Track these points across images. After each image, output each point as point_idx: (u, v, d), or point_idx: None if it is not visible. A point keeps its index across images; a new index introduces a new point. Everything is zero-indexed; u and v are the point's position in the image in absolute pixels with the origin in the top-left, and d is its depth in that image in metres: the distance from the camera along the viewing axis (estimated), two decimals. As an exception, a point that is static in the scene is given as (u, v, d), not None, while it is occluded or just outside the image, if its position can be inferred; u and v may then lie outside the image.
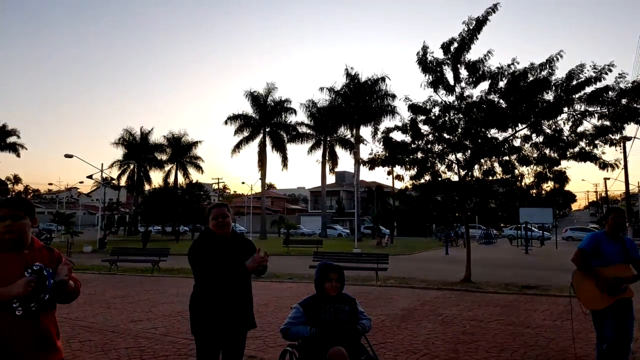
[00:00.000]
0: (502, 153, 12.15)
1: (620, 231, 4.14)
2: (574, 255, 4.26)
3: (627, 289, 4.06)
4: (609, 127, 10.88)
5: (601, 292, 4.05)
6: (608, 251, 4.10)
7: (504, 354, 5.43)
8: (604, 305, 4.05)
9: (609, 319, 4.04)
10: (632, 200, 39.90)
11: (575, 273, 4.30)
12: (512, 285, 11.48)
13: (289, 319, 3.53)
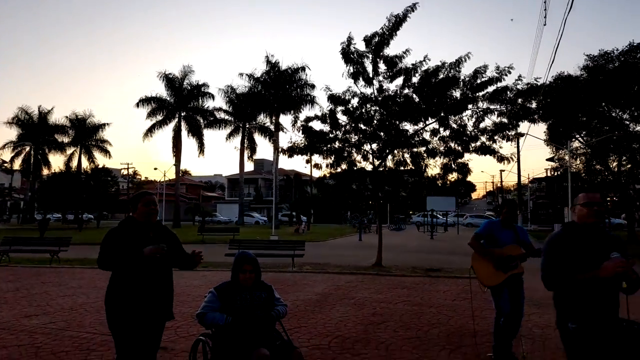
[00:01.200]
0: (413, 145, 12.83)
1: (512, 221, 4.70)
2: (471, 239, 4.72)
3: (518, 265, 4.55)
4: (506, 124, 11.95)
5: (496, 269, 4.50)
6: (502, 237, 4.60)
7: (409, 332, 5.79)
8: (500, 280, 4.50)
9: (505, 293, 4.51)
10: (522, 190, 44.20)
11: (474, 255, 4.71)
12: (418, 269, 12.24)
13: (204, 303, 3.48)
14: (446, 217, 39.77)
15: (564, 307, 2.66)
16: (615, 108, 22.42)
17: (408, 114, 12.22)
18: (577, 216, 2.83)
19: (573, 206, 2.90)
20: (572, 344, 2.63)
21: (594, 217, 2.73)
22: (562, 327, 2.67)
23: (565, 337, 2.66)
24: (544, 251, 2.79)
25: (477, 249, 4.65)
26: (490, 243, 4.64)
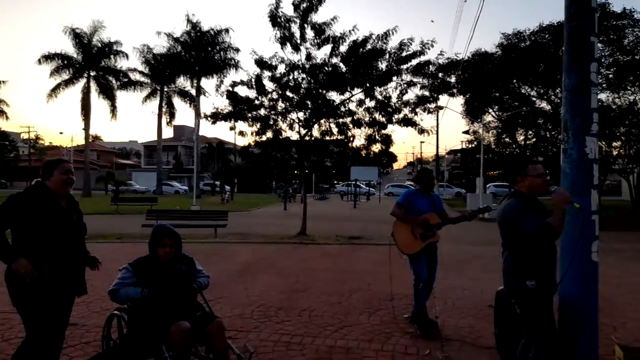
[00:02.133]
0: (339, 115, 12.93)
1: (430, 190, 4.94)
2: (392, 208, 4.88)
3: (435, 233, 4.80)
4: (427, 97, 12.40)
5: (415, 237, 4.72)
6: (420, 205, 4.81)
7: (332, 298, 5.95)
8: (418, 248, 4.72)
9: (423, 261, 4.75)
10: (440, 161, 46.76)
11: (394, 224, 4.88)
12: (341, 237, 12.58)
13: (118, 279, 3.27)
14: (369, 186, 41.11)
15: (523, 267, 2.86)
16: (525, 85, 24.14)
17: (335, 84, 12.22)
18: (530, 187, 2.98)
19: (522, 177, 3.01)
20: (530, 300, 2.86)
21: (546, 187, 2.97)
22: (519, 287, 2.87)
23: (523, 295, 2.87)
24: (518, 216, 2.85)
25: (399, 217, 4.81)
26: (409, 211, 4.81)
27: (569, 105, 3.96)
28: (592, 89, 3.89)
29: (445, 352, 4.13)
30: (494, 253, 10.39)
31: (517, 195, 3.02)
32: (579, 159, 3.88)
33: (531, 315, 2.88)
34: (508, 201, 3.01)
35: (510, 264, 2.96)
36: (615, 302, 5.86)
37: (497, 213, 3.08)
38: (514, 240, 2.95)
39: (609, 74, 22.17)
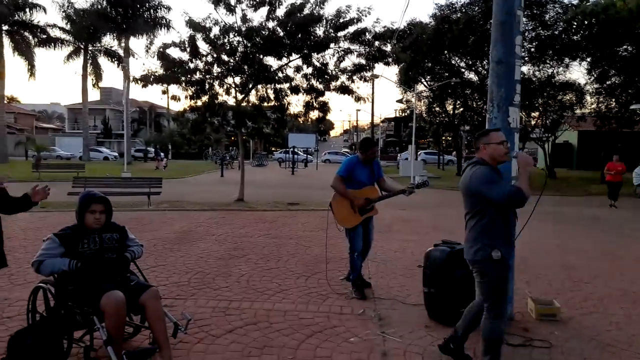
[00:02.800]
0: (277, 81, 12.72)
1: (372, 161, 4.92)
2: (334, 181, 4.84)
3: (373, 208, 4.90)
4: (364, 65, 12.49)
5: (354, 212, 4.79)
6: (360, 175, 4.82)
7: (270, 263, 6.04)
8: (356, 223, 4.82)
9: (359, 233, 4.86)
10: (375, 129, 47.76)
11: (335, 196, 4.89)
12: (279, 203, 12.65)
13: (42, 250, 3.10)
14: (307, 153, 41.27)
15: (488, 235, 2.90)
16: (455, 56, 24.98)
17: (272, 48, 11.95)
18: (492, 154, 2.97)
19: (485, 145, 2.99)
20: (495, 270, 2.92)
21: (507, 155, 3.04)
22: (483, 256, 2.90)
23: (489, 265, 2.90)
24: (487, 182, 2.84)
25: (340, 191, 4.79)
26: (349, 181, 4.80)
27: (495, 76, 4.19)
28: (516, 61, 4.13)
29: (378, 310, 4.36)
30: (422, 217, 10.95)
31: (481, 161, 3.00)
32: (502, 128, 4.14)
33: (491, 283, 2.96)
34: (474, 169, 2.96)
35: (475, 232, 2.95)
36: (529, 261, 6.44)
37: (463, 181, 3.04)
38: (482, 207, 2.93)
39: (530, 48, 23.47)
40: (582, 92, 24.86)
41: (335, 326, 3.95)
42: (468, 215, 3.04)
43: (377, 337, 3.75)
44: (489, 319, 3.00)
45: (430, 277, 4.09)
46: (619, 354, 3.50)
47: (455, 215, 10.97)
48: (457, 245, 4.17)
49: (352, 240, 4.85)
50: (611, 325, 4.06)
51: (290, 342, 3.61)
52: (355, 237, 4.84)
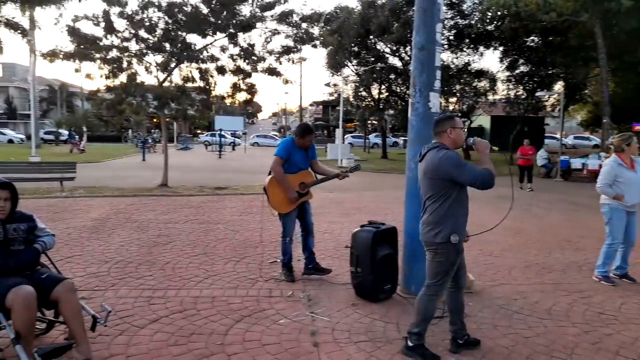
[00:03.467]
0: (201, 60, 12.24)
1: (308, 146, 4.79)
2: (273, 163, 4.68)
3: (308, 192, 4.86)
4: (291, 47, 12.38)
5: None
6: (296, 158, 4.73)
7: (196, 249, 5.88)
8: (292, 208, 4.75)
9: (293, 218, 4.79)
10: (303, 112, 47.85)
11: (270, 180, 4.73)
12: (206, 187, 12.32)
13: None
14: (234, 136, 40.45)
15: (447, 218, 2.98)
16: (380, 42, 25.56)
17: (196, 26, 11.45)
18: (456, 139, 3.08)
19: (452, 129, 3.06)
20: (450, 253, 3.02)
21: (464, 140, 3.14)
22: (442, 238, 2.98)
23: (445, 248, 2.99)
24: (459, 165, 2.91)
25: (279, 175, 4.66)
26: (286, 164, 4.68)
27: (417, 62, 4.34)
28: (437, 47, 4.30)
29: (307, 291, 4.43)
30: (349, 199, 11.20)
31: (444, 147, 3.05)
32: (424, 112, 4.33)
33: (442, 265, 3.05)
34: (440, 152, 2.99)
35: (437, 215, 3.01)
36: (447, 237, 6.85)
37: (428, 165, 3.03)
38: (447, 191, 2.98)
39: (449, 36, 24.64)
40: (494, 79, 26.62)
41: (265, 309, 3.96)
42: (431, 199, 3.06)
43: (306, 317, 3.81)
44: (428, 295, 3.13)
45: (356, 257, 4.21)
46: (524, 320, 3.86)
47: (380, 197, 11.38)
48: (382, 225, 4.33)
49: (286, 225, 4.78)
50: (518, 295, 4.45)
51: (219, 328, 3.56)
52: (288, 222, 4.77)
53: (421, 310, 3.14)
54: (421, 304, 3.15)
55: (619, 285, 4.81)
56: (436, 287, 3.11)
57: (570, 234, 7.42)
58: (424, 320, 3.15)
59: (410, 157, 4.40)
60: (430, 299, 3.12)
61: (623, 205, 4.81)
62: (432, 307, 3.14)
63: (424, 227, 3.11)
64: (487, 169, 2.91)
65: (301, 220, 4.87)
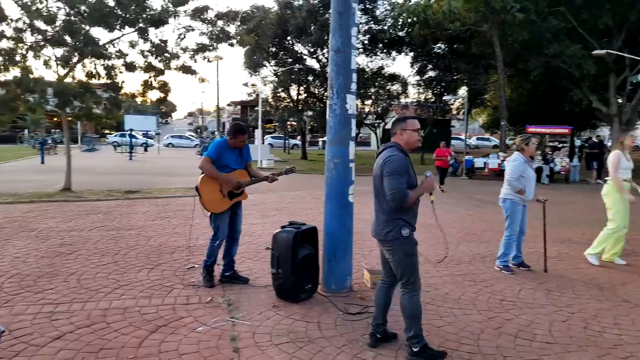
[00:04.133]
0: (107, 56, 11.46)
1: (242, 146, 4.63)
2: (202, 162, 4.48)
3: (243, 192, 4.71)
4: (207, 45, 12.03)
5: (223, 196, 4.53)
6: (229, 159, 4.54)
7: (105, 258, 5.49)
8: (225, 207, 4.56)
9: (226, 219, 4.60)
10: (221, 112, 46.78)
11: (202, 179, 4.51)
12: (115, 192, 11.55)
13: None
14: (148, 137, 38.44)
15: (398, 215, 3.04)
16: (298, 43, 25.76)
17: (101, 19, 10.68)
18: (407, 140, 3.12)
19: (402, 130, 3.11)
20: (405, 247, 3.08)
21: (420, 142, 3.15)
22: (395, 235, 3.05)
23: (399, 243, 3.06)
24: (394, 173, 2.96)
25: (212, 174, 4.46)
26: (217, 164, 4.51)
27: (334, 65, 4.42)
28: (352, 51, 4.41)
29: (227, 296, 4.32)
30: (269, 200, 11.15)
31: (396, 147, 3.12)
32: (341, 114, 4.42)
33: (403, 260, 3.10)
34: (391, 152, 3.06)
35: (385, 213, 3.08)
36: (366, 235, 7.06)
37: (377, 163, 3.09)
38: None
39: (364, 40, 25.50)
40: (406, 83, 28.02)
41: (182, 317, 3.80)
42: (380, 197, 3.12)
43: (227, 323, 3.71)
44: (408, 294, 3.12)
45: (277, 258, 4.19)
46: (436, 311, 4.08)
47: (300, 198, 11.46)
48: (303, 225, 4.35)
49: (218, 227, 4.56)
50: (430, 287, 4.70)
51: (131, 341, 3.35)
52: (221, 224, 4.56)
53: (408, 312, 3.13)
54: (405, 305, 3.13)
55: (517, 273, 5.28)
56: (411, 284, 3.12)
57: (474, 228, 8.01)
58: (414, 320, 3.12)
59: (329, 157, 4.47)
60: (411, 297, 3.12)
61: (522, 200, 5.29)
62: (416, 305, 3.13)
63: (375, 226, 3.18)
64: (408, 194, 2.98)
65: (230, 225, 4.67)
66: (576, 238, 7.08)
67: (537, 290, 4.66)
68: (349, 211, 4.50)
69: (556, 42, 18.96)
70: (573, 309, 4.15)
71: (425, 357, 3.09)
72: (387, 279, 3.35)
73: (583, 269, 5.48)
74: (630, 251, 6.21)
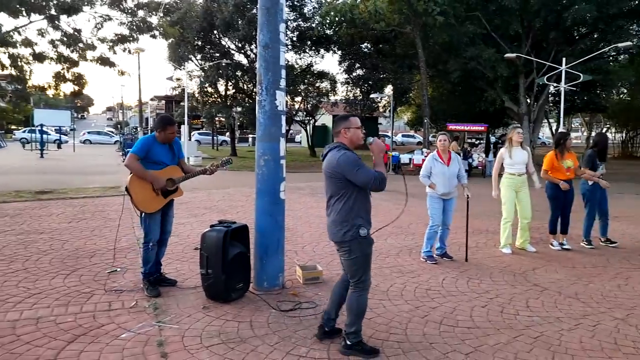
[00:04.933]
0: (12, 44, 10.47)
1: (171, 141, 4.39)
2: (128, 160, 4.22)
3: (178, 189, 4.47)
4: (127, 36, 11.40)
5: (155, 194, 4.27)
6: (159, 154, 4.30)
7: (14, 265, 5.02)
8: (159, 206, 4.31)
9: (157, 220, 4.34)
10: (143, 107, 44.55)
11: (132, 177, 4.25)
12: (24, 192, 10.60)
13: None
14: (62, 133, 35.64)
15: (354, 215, 3.04)
16: (226, 38, 25.18)
17: (2, 3, 9.73)
18: (352, 139, 3.13)
19: (347, 129, 3.11)
20: (362, 247, 3.08)
21: (363, 139, 3.14)
22: (352, 235, 3.03)
23: (357, 243, 3.05)
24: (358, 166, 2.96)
25: (137, 170, 4.19)
26: (147, 163, 4.26)
27: (263, 61, 4.37)
28: (281, 47, 4.38)
29: (153, 300, 4.12)
30: (197, 198, 10.86)
31: (343, 147, 3.11)
32: (271, 110, 4.38)
33: (359, 259, 3.10)
34: (339, 152, 3.04)
35: (343, 214, 3.05)
36: (297, 231, 7.09)
37: (329, 165, 3.06)
38: (347, 190, 3.03)
39: (293, 37, 25.53)
40: (335, 81, 28.45)
41: (103, 325, 3.57)
42: (334, 199, 3.09)
43: (153, 327, 3.55)
44: (357, 292, 3.15)
45: (206, 258, 4.06)
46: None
47: (230, 195, 11.23)
48: (233, 224, 4.25)
49: (149, 228, 4.30)
50: (360, 280, 4.81)
51: (46, 353, 3.09)
52: (152, 224, 4.31)
53: (354, 309, 3.15)
54: (352, 302, 3.15)
55: (440, 263, 5.56)
56: (362, 283, 3.15)
57: (401, 221, 8.32)
58: (358, 317, 3.17)
59: (259, 154, 4.42)
60: (359, 295, 3.15)
61: (437, 194, 5.58)
62: (363, 303, 3.17)
63: (332, 228, 3.14)
64: (380, 172, 3.00)
65: (160, 225, 4.44)
66: (492, 228, 7.60)
67: (459, 279, 4.93)
68: (280, 208, 4.48)
69: (473, 46, 20.24)
70: (491, 295, 4.45)
71: (359, 350, 3.16)
72: (347, 277, 3.32)
73: (499, 257, 5.90)
74: (539, 239, 6.78)
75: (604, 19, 18.80)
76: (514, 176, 6.05)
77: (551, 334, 3.57)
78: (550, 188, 6.26)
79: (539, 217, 7.30)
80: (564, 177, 6.15)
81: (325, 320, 3.39)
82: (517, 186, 6.06)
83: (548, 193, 6.30)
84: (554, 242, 6.33)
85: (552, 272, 5.24)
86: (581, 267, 5.46)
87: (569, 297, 4.40)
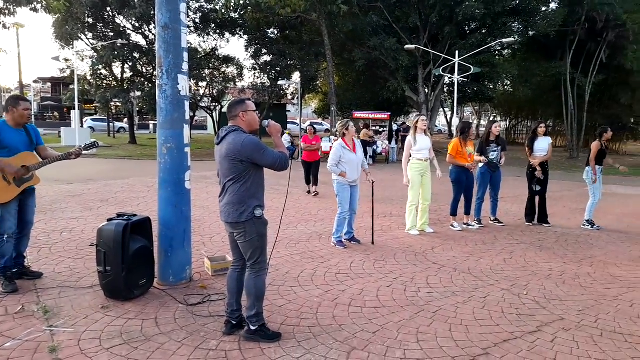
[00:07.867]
0: None
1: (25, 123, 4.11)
2: None
3: (33, 176, 4.12)
4: (1, 9, 10.07)
5: (8, 183, 3.90)
6: (13, 140, 3.96)
7: None
8: (13, 196, 3.95)
9: (12, 212, 3.99)
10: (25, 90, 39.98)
11: None
12: None
13: None
14: None
15: (250, 197, 3.06)
16: (120, 16, 23.32)
17: None
18: (250, 122, 3.14)
19: (245, 112, 3.11)
20: (257, 227, 3.10)
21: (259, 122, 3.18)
22: (248, 216, 3.06)
23: (252, 224, 3.08)
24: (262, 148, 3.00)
25: None
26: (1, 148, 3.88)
27: (162, 42, 4.11)
28: (182, 28, 4.15)
29: (42, 303, 3.74)
30: (92, 190, 10.06)
31: (242, 130, 3.11)
32: (173, 95, 4.15)
33: (254, 241, 3.12)
34: (241, 136, 3.04)
35: (240, 195, 3.06)
36: (205, 222, 6.86)
37: (227, 148, 3.03)
38: (247, 172, 3.04)
39: (195, 19, 24.43)
40: (241, 66, 27.81)
41: (-18, 336, 3.16)
42: (232, 181, 3.07)
43: (43, 333, 3.22)
44: (254, 274, 3.17)
45: (104, 255, 3.77)
46: (277, 290, 4.19)
47: (130, 186, 10.53)
48: (133, 217, 3.99)
49: (2, 219, 3.94)
50: (271, 268, 4.79)
51: None
52: (6, 215, 3.94)
53: (252, 292, 3.16)
54: (250, 285, 3.17)
55: (349, 247, 5.74)
56: (258, 265, 3.17)
57: (310, 208, 8.44)
58: (258, 299, 3.19)
59: (161, 142, 4.17)
60: (257, 277, 3.18)
61: (346, 181, 5.73)
62: (261, 285, 3.19)
63: (227, 209, 3.13)
64: (282, 153, 3.09)
65: (18, 217, 4.08)
66: (396, 212, 8.02)
67: (366, 261, 5.13)
68: (185, 198, 4.29)
69: (376, 36, 20.96)
70: (395, 275, 4.69)
71: (262, 335, 3.19)
72: (238, 264, 3.33)
73: (402, 238, 6.24)
74: (437, 220, 7.29)
75: (491, 16, 20.51)
76: (421, 161, 6.41)
77: (448, 308, 3.87)
78: (455, 172, 6.73)
79: (434, 200, 7.84)
80: (466, 162, 6.65)
81: (229, 314, 3.34)
82: (423, 171, 6.43)
83: (452, 177, 6.77)
84: (454, 224, 6.84)
85: (449, 250, 5.67)
86: (473, 244, 5.97)
87: (463, 273, 4.80)
